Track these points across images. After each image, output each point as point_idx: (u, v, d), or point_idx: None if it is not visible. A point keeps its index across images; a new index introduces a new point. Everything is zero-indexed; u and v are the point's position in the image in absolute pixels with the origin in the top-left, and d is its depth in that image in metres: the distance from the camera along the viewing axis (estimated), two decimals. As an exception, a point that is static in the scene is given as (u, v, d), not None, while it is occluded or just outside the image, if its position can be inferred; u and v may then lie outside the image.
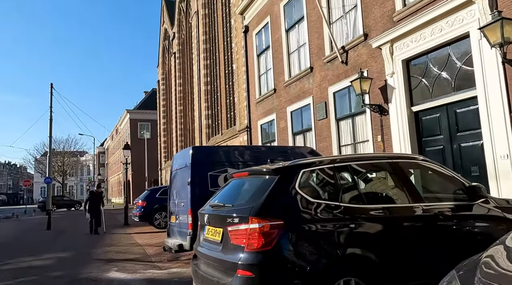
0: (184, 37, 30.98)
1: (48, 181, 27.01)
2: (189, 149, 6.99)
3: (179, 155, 7.74)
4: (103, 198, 13.22)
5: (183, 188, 7.02)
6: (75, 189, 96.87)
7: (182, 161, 7.28)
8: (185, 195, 6.84)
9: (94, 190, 12.96)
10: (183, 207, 6.91)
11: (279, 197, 3.07)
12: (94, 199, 12.20)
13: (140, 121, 51.22)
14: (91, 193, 12.64)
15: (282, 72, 13.38)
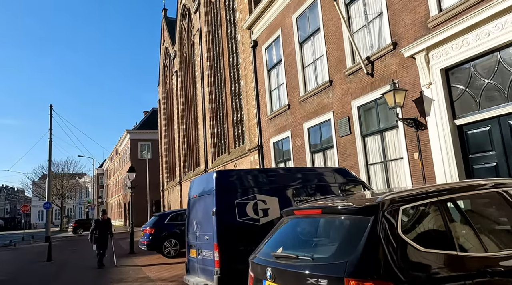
0: (186, 55, 30.54)
1: (47, 206, 25.97)
2: (213, 174, 6.15)
3: (200, 180, 6.89)
4: (112, 227, 11.56)
5: (206, 218, 6.16)
6: (74, 212, 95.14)
7: (204, 187, 6.44)
8: (209, 226, 5.97)
9: (100, 218, 11.41)
10: (207, 241, 6.02)
11: (380, 248, 2.23)
12: (101, 228, 10.89)
13: (141, 141, 50.43)
14: (97, 222, 11.13)
15: (296, 86, 12.69)
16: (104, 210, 11.45)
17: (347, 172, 7.28)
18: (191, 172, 28.78)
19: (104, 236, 10.91)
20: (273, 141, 14.40)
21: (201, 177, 7.00)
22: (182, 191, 30.67)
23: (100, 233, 10.80)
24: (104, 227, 11.03)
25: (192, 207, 6.93)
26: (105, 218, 11.40)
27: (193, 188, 7.05)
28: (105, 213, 11.48)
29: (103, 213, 11.45)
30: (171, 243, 12.59)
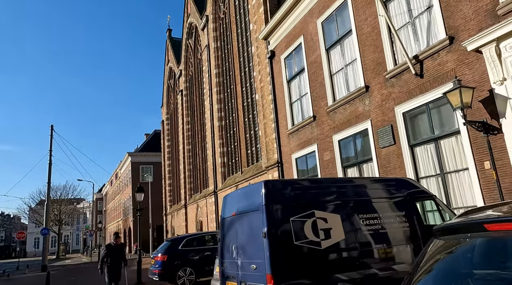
0: (192, 74, 29.77)
1: (45, 232, 24.35)
2: (261, 185, 4.91)
3: (239, 194, 5.62)
4: (125, 254, 9.69)
5: (252, 242, 4.86)
6: (71, 239, 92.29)
7: (247, 202, 5.17)
8: (257, 252, 4.67)
9: (112, 243, 9.32)
10: (255, 271, 4.70)
11: None
12: (113, 255, 8.96)
13: (142, 164, 49.11)
14: (109, 248, 9.13)
15: (323, 96, 11.61)
16: (117, 234, 9.34)
17: (413, 184, 6.04)
18: (197, 195, 27.34)
19: (117, 265, 9.01)
20: (296, 156, 13.19)
21: (240, 190, 5.73)
22: (187, 214, 29.13)
23: (113, 261, 8.90)
24: (117, 254, 9.09)
25: (229, 228, 5.63)
26: (118, 243, 9.32)
27: (229, 205, 5.78)
28: (118, 237, 9.33)
29: (115, 237, 9.33)
30: (186, 272, 11.12)
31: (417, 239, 5.32)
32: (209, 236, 12.09)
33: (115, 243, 9.25)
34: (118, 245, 9.29)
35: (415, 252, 5.23)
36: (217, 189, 21.91)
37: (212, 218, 22.14)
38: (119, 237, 9.29)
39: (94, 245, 50.23)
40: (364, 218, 5.16)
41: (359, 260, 4.89)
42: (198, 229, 26.75)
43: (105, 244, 10.20)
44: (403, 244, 5.26)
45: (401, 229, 5.32)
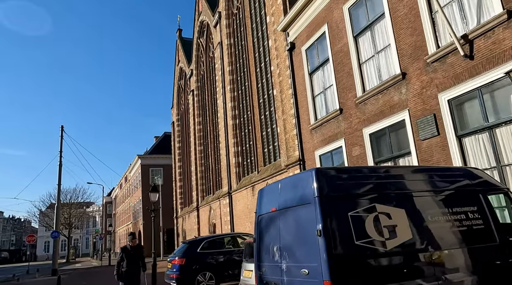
0: (203, 73, 29.15)
1: (55, 235, 23.81)
2: (311, 174, 4.10)
3: (283, 186, 4.77)
4: (144, 257, 8.28)
5: (302, 242, 4.07)
6: (80, 242, 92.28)
7: (292, 195, 4.38)
8: (310, 254, 3.87)
9: (128, 245, 8.17)
10: (308, 277, 3.90)
11: None
12: (130, 259, 7.83)
13: (152, 167, 48.59)
14: (124, 251, 8.01)
15: (351, 87, 10.79)
16: (133, 234, 8.14)
17: (481, 175, 5.18)
18: (210, 196, 26.62)
19: (135, 270, 7.83)
20: (320, 153, 12.36)
21: (282, 182, 4.91)
22: (199, 217, 28.40)
23: (130, 266, 7.76)
24: (134, 257, 7.86)
25: (268, 227, 4.83)
26: (135, 244, 8.13)
27: (267, 199, 4.98)
28: (134, 238, 8.14)
29: (131, 238, 8.13)
30: (205, 277, 10.34)
31: (493, 240, 4.47)
32: (228, 238, 11.31)
33: (131, 245, 8.08)
34: (135, 247, 8.10)
35: (492, 256, 4.38)
36: (231, 190, 21.15)
37: (227, 220, 21.37)
38: (135, 237, 8.11)
39: (103, 249, 49.69)
40: (432, 213, 4.33)
41: (430, 264, 4.06)
42: (211, 232, 25.98)
43: (120, 246, 8.71)
44: (477, 245, 4.41)
45: (474, 228, 4.47)
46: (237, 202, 20.34)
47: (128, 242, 8.27)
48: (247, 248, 7.50)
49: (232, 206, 20.99)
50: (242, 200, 19.59)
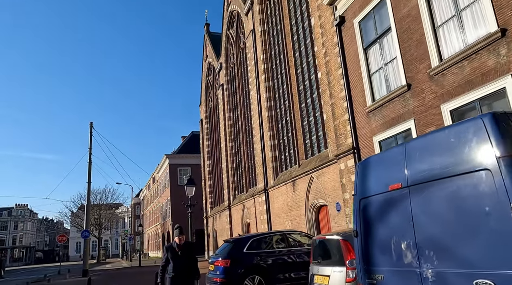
0: (233, 65, 27.87)
1: (85, 235, 23.09)
2: (481, 121, 2.51)
3: (415, 148, 3.17)
4: (196, 259, 6.15)
5: (472, 235, 2.50)
6: (110, 243, 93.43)
7: (441, 159, 2.82)
8: (495, 254, 2.27)
9: (174, 243, 5.96)
10: None
11: None
12: (178, 261, 5.74)
13: (180, 166, 47.94)
14: (170, 251, 5.89)
15: (422, 57, 9.06)
16: (181, 228, 6.04)
17: None
18: (243, 194, 25.24)
19: (184, 276, 5.67)
20: (379, 139, 10.66)
21: (413, 143, 3.33)
22: (231, 216, 27.08)
23: (178, 271, 5.65)
24: (183, 259, 5.77)
25: (385, 213, 3.31)
26: (182, 241, 5.87)
27: (378, 173, 3.50)
28: (182, 233, 5.95)
29: (179, 232, 5.94)
30: (254, 281, 8.86)
31: None
32: (279, 236, 9.79)
33: (178, 244, 5.83)
34: (184, 246, 5.84)
35: None
36: (268, 187, 19.67)
37: (263, 219, 19.89)
38: (183, 233, 5.84)
39: (133, 250, 49.43)
40: None
41: None
42: (245, 232, 24.58)
43: (165, 245, 6.43)
44: None
45: None
46: (274, 199, 18.83)
47: (175, 238, 5.91)
48: (318, 248, 5.98)
49: (269, 203, 19.50)
50: (280, 197, 18.06)
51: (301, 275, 9.04)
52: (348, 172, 11.94)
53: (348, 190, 11.93)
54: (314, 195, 14.92)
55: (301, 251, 9.41)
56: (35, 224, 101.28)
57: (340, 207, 12.83)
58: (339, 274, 5.01)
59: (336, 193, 13.11)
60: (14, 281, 24.90)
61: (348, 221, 11.90)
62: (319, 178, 14.36)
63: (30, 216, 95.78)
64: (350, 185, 11.80)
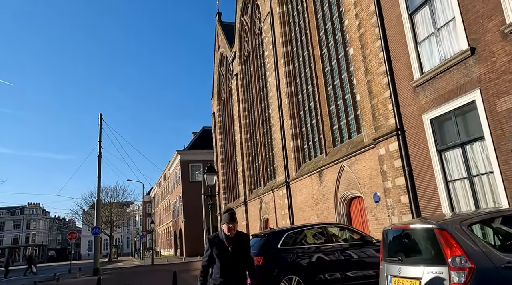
0: (248, 53, 26.45)
1: (96, 232, 21.96)
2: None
3: None
4: (253, 259, 4.29)
5: None
6: (122, 241, 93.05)
7: None
8: None
9: (222, 233, 3.99)
10: None
11: None
12: (228, 261, 3.87)
13: (192, 162, 46.75)
14: (215, 245, 3.94)
15: (492, 12, 7.53)
16: (231, 213, 3.96)
17: None
18: (260, 189, 23.85)
19: (238, 282, 3.93)
20: (431, 116, 9.15)
21: None
22: (248, 212, 25.73)
23: (228, 273, 3.88)
24: (236, 257, 3.93)
25: None
26: (233, 232, 3.95)
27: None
28: (232, 219, 3.94)
29: (229, 218, 3.93)
30: (292, 282, 7.44)
31: None
32: (317, 230, 8.33)
33: (229, 234, 3.93)
34: (236, 238, 3.97)
35: None
36: (289, 179, 18.24)
37: (284, 214, 18.47)
38: (235, 220, 3.96)
39: (144, 248, 48.46)
40: None
41: None
42: (263, 228, 23.20)
43: (208, 236, 4.49)
44: None
45: None
46: (297, 192, 17.39)
47: (222, 226, 4.01)
48: (397, 240, 4.54)
49: (291, 197, 18.07)
50: (304, 189, 16.62)
51: (348, 276, 7.61)
52: (390, 157, 10.44)
53: (390, 178, 10.44)
54: (345, 186, 13.45)
55: (345, 247, 7.97)
56: (47, 223, 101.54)
57: (379, 198, 11.34)
58: (437, 276, 3.57)
59: (374, 182, 11.62)
60: (26, 279, 23.95)
61: (391, 213, 10.42)
62: (351, 166, 12.88)
63: (42, 214, 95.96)
64: (392, 172, 10.31)
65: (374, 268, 7.87)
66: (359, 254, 7.90)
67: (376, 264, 7.96)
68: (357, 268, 7.72)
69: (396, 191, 10.20)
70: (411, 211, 9.68)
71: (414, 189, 9.69)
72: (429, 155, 9.20)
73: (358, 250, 7.93)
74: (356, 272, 7.67)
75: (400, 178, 10.03)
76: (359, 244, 8.05)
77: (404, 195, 9.90)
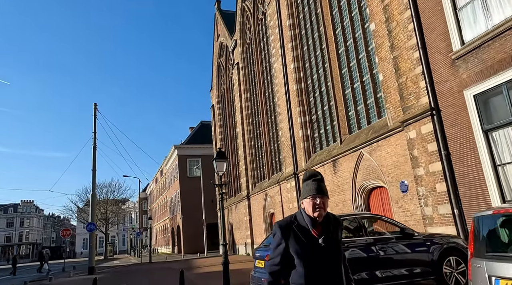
0: (250, 40, 25.19)
1: (91, 228, 20.67)
2: None
3: None
4: (345, 257, 2.49)
5: None
6: (117, 239, 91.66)
7: None
8: None
9: (305, 215, 2.37)
10: None
11: None
12: (316, 261, 2.23)
13: (190, 157, 45.46)
14: (295, 234, 2.30)
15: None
16: (319, 182, 2.34)
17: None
18: (264, 182, 22.67)
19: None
20: (475, 92, 8.00)
21: None
22: (251, 207, 24.55)
23: (317, 282, 2.21)
24: (329, 256, 2.26)
25: None
26: (323, 213, 2.30)
27: None
28: (321, 191, 2.31)
29: (316, 189, 2.31)
30: None
31: None
32: (350, 221, 7.12)
33: (315, 218, 2.29)
34: (327, 224, 2.35)
35: None
36: (298, 170, 17.07)
37: (293, 208, 17.32)
38: (326, 192, 2.33)
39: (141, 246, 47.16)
40: None
41: None
42: (267, 224, 22.06)
43: (277, 223, 2.38)
44: None
45: None
46: (307, 184, 16.19)
47: (303, 202, 2.40)
48: (499, 230, 3.37)
49: (300, 189, 16.86)
50: (315, 181, 15.43)
51: (392, 274, 6.45)
52: (422, 141, 9.28)
53: (422, 164, 9.30)
54: (365, 176, 12.30)
55: (385, 241, 6.81)
56: (41, 221, 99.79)
57: (407, 187, 10.19)
58: None
59: (400, 170, 10.47)
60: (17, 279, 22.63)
61: (424, 203, 9.28)
62: (372, 154, 11.72)
63: (36, 212, 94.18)
64: (425, 158, 9.17)
65: (421, 265, 6.74)
66: (401, 249, 6.76)
67: (422, 261, 6.83)
68: (401, 265, 6.57)
69: (430, 178, 9.06)
70: (449, 201, 8.55)
71: (452, 176, 8.56)
72: (472, 137, 8.06)
73: (399, 244, 6.78)
74: (401, 271, 6.53)
75: (436, 164, 8.89)
76: (399, 237, 6.89)
77: (441, 182, 8.76)
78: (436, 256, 6.71)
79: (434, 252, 6.77)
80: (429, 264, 6.67)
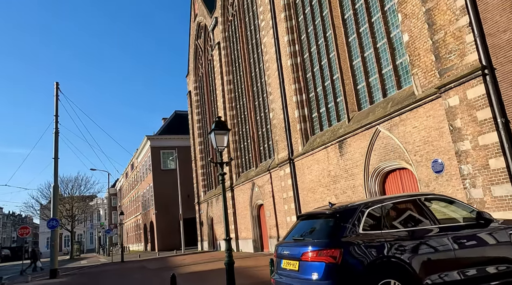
0: (234, 15, 22.97)
1: (53, 225, 17.86)
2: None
3: None
4: None
5: None
6: (85, 237, 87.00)
7: None
8: None
9: None
10: None
11: None
12: None
13: (163, 149, 42.70)
14: None
15: None
16: None
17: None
18: (251, 171, 20.67)
19: None
20: (548, 40, 6.32)
21: None
22: (235, 199, 22.51)
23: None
24: None
25: None
26: None
27: None
28: None
29: None
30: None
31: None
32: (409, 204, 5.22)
33: None
34: None
35: None
36: (294, 156, 15.19)
37: (288, 198, 15.45)
38: None
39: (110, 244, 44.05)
40: None
41: None
42: (255, 216, 20.12)
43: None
44: None
45: None
46: (305, 170, 14.40)
47: None
48: None
49: (296, 176, 15.05)
50: (315, 165, 13.65)
51: (473, 274, 4.66)
52: (469, 108, 7.58)
53: (468, 137, 7.61)
54: (381, 156, 10.56)
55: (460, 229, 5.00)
56: (0, 220, 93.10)
57: (443, 166, 8.50)
58: None
59: (433, 147, 8.77)
60: None
61: (470, 184, 7.61)
62: (393, 130, 9.97)
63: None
64: (474, 128, 7.48)
65: (506, 262, 4.98)
66: (481, 240, 4.97)
67: (506, 257, 5.10)
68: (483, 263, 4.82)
69: (480, 153, 7.38)
70: (510, 179, 6.89)
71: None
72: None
73: (477, 234, 4.99)
74: (486, 269, 4.76)
75: (489, 135, 7.21)
76: (475, 225, 5.10)
77: (497, 157, 7.09)
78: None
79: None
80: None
